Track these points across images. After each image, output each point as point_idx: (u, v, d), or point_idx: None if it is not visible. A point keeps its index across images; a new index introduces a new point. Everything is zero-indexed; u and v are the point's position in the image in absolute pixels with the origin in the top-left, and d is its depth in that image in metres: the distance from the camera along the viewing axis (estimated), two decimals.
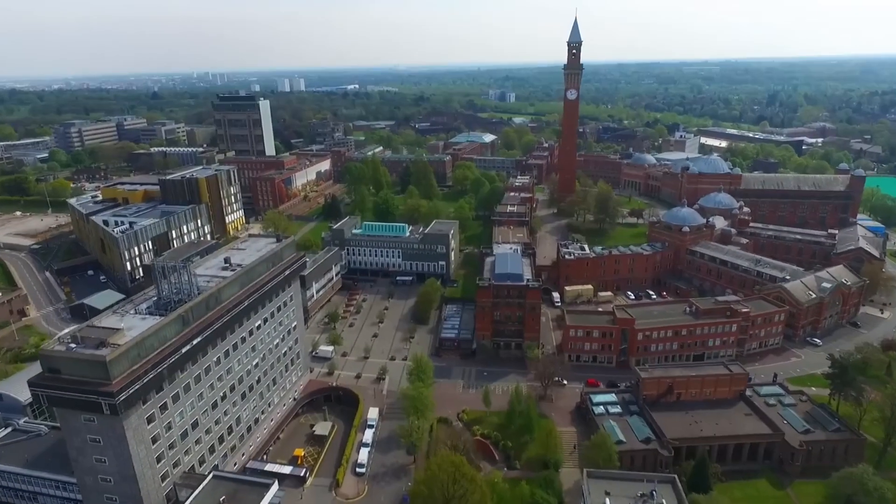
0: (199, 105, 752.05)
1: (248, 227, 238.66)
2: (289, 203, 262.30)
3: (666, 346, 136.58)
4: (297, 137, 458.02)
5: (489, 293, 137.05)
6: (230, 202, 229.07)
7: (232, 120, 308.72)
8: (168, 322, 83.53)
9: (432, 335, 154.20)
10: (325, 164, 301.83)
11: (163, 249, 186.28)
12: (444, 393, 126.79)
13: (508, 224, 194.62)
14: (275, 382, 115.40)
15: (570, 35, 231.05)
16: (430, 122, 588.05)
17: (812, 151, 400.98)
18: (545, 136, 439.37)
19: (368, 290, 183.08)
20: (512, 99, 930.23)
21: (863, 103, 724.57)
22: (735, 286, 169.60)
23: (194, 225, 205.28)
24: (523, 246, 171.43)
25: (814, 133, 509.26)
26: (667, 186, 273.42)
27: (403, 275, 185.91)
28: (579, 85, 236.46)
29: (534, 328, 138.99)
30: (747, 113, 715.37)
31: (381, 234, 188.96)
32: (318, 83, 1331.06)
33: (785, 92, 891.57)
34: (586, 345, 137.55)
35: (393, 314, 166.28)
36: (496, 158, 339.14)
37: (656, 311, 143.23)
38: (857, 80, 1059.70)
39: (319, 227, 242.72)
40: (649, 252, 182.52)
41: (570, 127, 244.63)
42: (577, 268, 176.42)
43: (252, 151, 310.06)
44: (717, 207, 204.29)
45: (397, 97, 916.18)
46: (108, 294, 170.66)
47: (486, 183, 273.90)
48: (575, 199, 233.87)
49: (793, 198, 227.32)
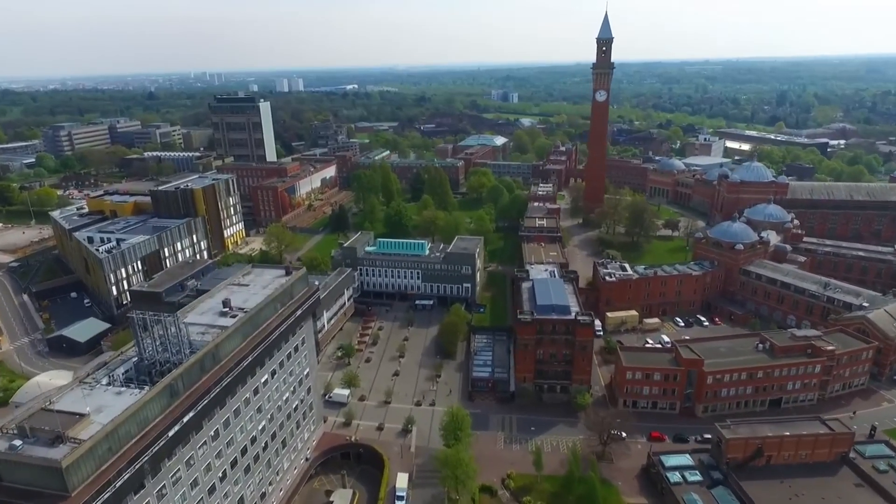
0: (196, 106, 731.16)
1: (248, 242, 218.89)
2: (292, 213, 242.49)
3: (739, 391, 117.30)
4: (297, 140, 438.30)
5: (532, 329, 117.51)
6: (229, 214, 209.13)
7: (230, 123, 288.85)
8: (151, 397, 63.79)
9: (461, 373, 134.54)
10: (329, 171, 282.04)
11: (154, 270, 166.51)
12: (483, 449, 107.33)
13: (538, 240, 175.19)
14: (284, 445, 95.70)
15: (600, 31, 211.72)
16: (435, 124, 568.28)
17: (840, 154, 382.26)
18: (558, 139, 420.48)
19: (384, 316, 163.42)
20: (515, 99, 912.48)
21: (877, 103, 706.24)
22: (800, 313, 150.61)
23: (189, 241, 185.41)
24: (560, 267, 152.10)
25: (834, 134, 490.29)
26: (699, 195, 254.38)
27: (423, 298, 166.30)
28: (609, 85, 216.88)
29: (584, 370, 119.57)
30: (759, 113, 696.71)
31: (398, 253, 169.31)
32: (317, 83, 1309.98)
33: (793, 92, 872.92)
34: (645, 389, 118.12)
35: (414, 346, 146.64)
36: (511, 163, 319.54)
37: (723, 348, 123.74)
38: (862, 79, 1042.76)
39: (326, 240, 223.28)
40: (698, 272, 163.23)
41: (599, 131, 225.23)
42: (620, 291, 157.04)
43: (252, 156, 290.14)
44: (767, 221, 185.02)
45: (398, 97, 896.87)
46: (91, 323, 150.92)
47: (505, 191, 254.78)
48: (605, 211, 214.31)
49: (845, 208, 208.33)
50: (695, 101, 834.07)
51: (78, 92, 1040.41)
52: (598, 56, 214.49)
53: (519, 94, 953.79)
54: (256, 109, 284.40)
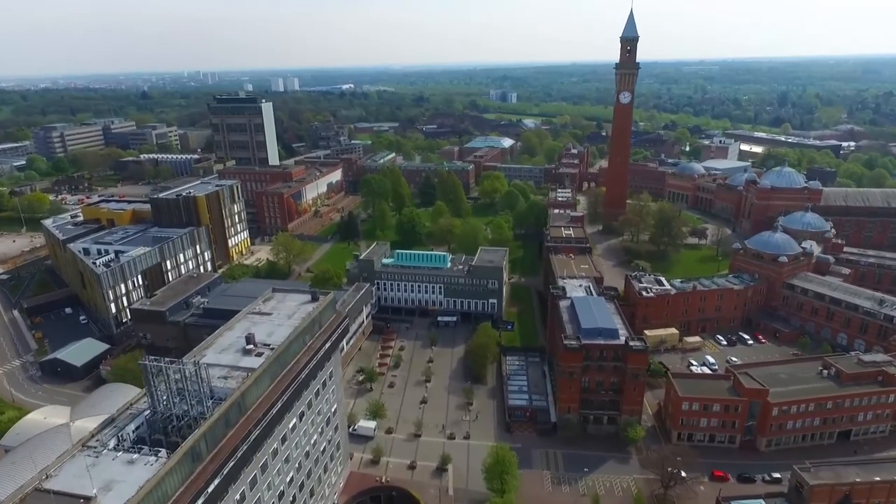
0: (192, 106, 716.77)
1: (254, 251, 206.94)
2: (298, 220, 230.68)
3: (805, 423, 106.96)
4: (297, 141, 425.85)
5: (578, 357, 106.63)
6: (234, 222, 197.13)
7: (231, 124, 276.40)
8: (171, 468, 52.40)
9: (495, 400, 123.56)
10: (335, 174, 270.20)
11: (156, 285, 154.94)
12: (529, 491, 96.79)
13: (566, 252, 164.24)
14: (312, 494, 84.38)
15: (625, 30, 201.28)
16: (437, 125, 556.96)
17: (854, 157, 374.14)
18: (566, 141, 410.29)
19: (404, 334, 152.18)
20: (514, 99, 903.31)
21: (881, 104, 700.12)
22: (853, 332, 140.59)
23: (192, 252, 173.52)
24: (595, 282, 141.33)
25: (842, 136, 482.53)
26: (722, 200, 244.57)
27: (445, 314, 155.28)
28: (634, 86, 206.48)
29: (635, 400, 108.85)
30: (762, 114, 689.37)
31: (418, 266, 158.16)
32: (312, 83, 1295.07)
33: (794, 92, 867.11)
34: (702, 421, 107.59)
35: (440, 368, 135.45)
36: (522, 167, 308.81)
37: (783, 374, 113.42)
38: (860, 79, 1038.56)
39: (336, 249, 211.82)
40: (740, 287, 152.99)
41: (623, 134, 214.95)
42: (658, 307, 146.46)
43: (253, 159, 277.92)
44: (806, 230, 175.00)
45: (396, 97, 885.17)
46: (89, 345, 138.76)
47: (520, 196, 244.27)
48: (630, 218, 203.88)
49: (883, 216, 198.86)
50: (695, 101, 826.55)
51: (70, 91, 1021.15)
52: (622, 56, 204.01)
53: (518, 95, 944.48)
54: (258, 110, 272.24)
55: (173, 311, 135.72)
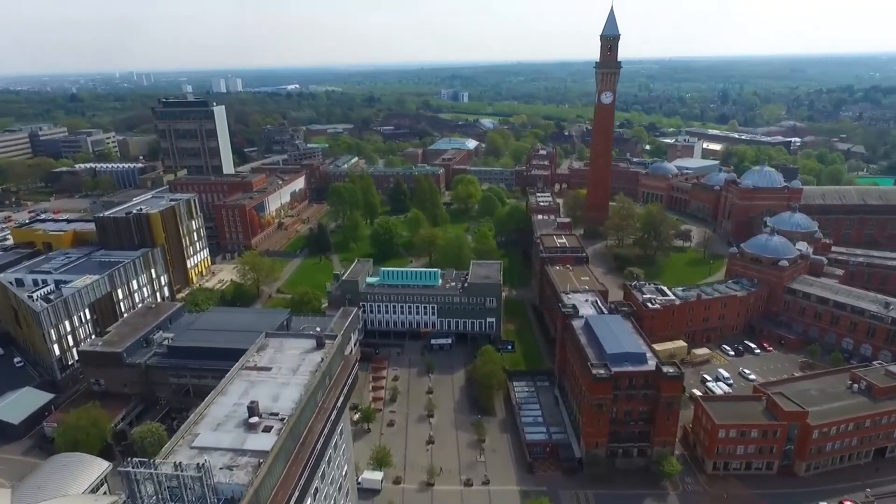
0: (128, 109, 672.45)
1: (215, 271, 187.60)
2: (262, 234, 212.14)
3: (844, 443, 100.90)
4: (249, 146, 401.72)
5: (608, 387, 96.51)
6: (192, 241, 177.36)
7: (180, 130, 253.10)
8: None
9: (508, 434, 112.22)
10: (298, 182, 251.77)
11: (107, 319, 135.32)
12: None
13: (563, 262, 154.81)
14: None
15: (605, 28, 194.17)
16: (393, 126, 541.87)
17: (805, 153, 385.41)
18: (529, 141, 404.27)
19: (396, 360, 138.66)
20: (465, 99, 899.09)
21: (814, 101, 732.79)
22: (860, 336, 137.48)
23: (147, 277, 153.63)
24: (601, 297, 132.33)
25: (787, 132, 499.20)
26: (698, 200, 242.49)
27: (439, 336, 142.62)
28: (615, 86, 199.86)
29: (668, 430, 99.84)
30: (707, 112, 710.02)
31: (408, 284, 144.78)
32: (256, 83, 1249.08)
33: (733, 90, 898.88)
34: (739, 448, 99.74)
35: (442, 399, 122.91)
36: (493, 169, 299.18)
37: (814, 392, 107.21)
38: (789, 78, 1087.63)
39: (307, 265, 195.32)
40: (742, 293, 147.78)
41: (604, 137, 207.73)
42: (664, 318, 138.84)
43: (206, 167, 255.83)
44: (796, 231, 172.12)
45: (346, 98, 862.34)
46: (27, 395, 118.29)
47: (497, 201, 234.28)
48: (617, 222, 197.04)
49: (860, 213, 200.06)
50: (642, 99, 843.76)
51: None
52: (602, 54, 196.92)
53: (469, 94, 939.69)
54: (210, 114, 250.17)
55: (131, 352, 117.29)
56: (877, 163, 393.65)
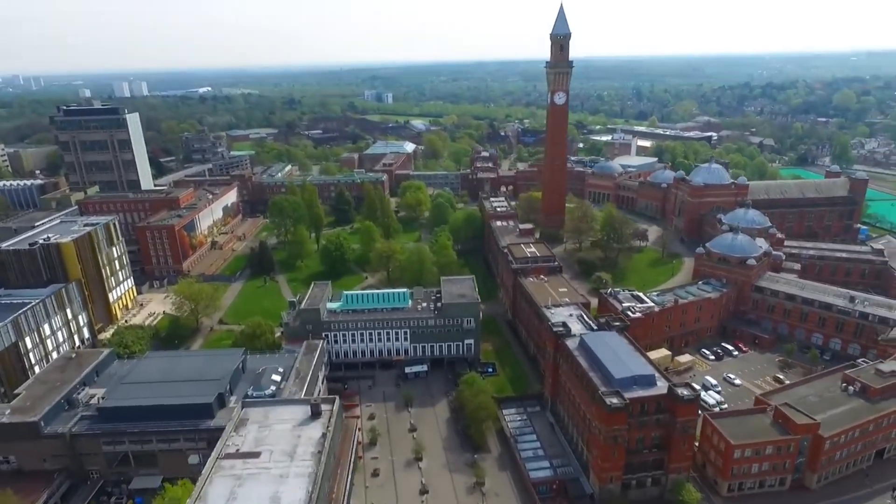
0: (15, 116, 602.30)
1: (143, 303, 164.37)
2: (194, 256, 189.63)
3: (850, 450, 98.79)
4: (165, 155, 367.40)
5: (623, 417, 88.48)
6: (114, 270, 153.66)
7: (86, 141, 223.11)
8: None
9: (508, 472, 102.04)
10: (230, 196, 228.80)
11: (15, 378, 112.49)
12: None
13: (536, 273, 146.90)
14: None
15: (555, 27, 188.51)
16: (321, 129, 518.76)
17: (726, 147, 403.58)
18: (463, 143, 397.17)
19: (369, 395, 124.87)
20: (389, 100, 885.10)
21: (720, 97, 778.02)
22: (829, 331, 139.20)
23: (62, 318, 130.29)
24: (585, 309, 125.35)
25: (703, 127, 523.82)
26: (646, 198, 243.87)
27: (414, 363, 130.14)
28: (568, 86, 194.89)
29: (684, 456, 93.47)
30: (626, 109, 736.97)
31: (375, 308, 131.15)
32: (163, 86, 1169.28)
33: (645, 88, 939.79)
34: (754, 467, 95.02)
35: (428, 438, 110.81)
36: (437, 174, 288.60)
37: (813, 398, 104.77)
38: (691, 76, 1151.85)
39: (250, 289, 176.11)
40: (716, 295, 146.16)
41: (559, 138, 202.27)
42: (645, 327, 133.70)
43: (121, 183, 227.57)
44: (752, 227, 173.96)
45: (265, 100, 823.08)
46: None
47: (449, 207, 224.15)
48: (577, 225, 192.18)
49: (802, 206, 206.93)
50: None
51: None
52: (553, 54, 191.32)
53: (392, 95, 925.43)
54: (122, 123, 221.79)
55: (51, 418, 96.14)
56: (786, 154, 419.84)
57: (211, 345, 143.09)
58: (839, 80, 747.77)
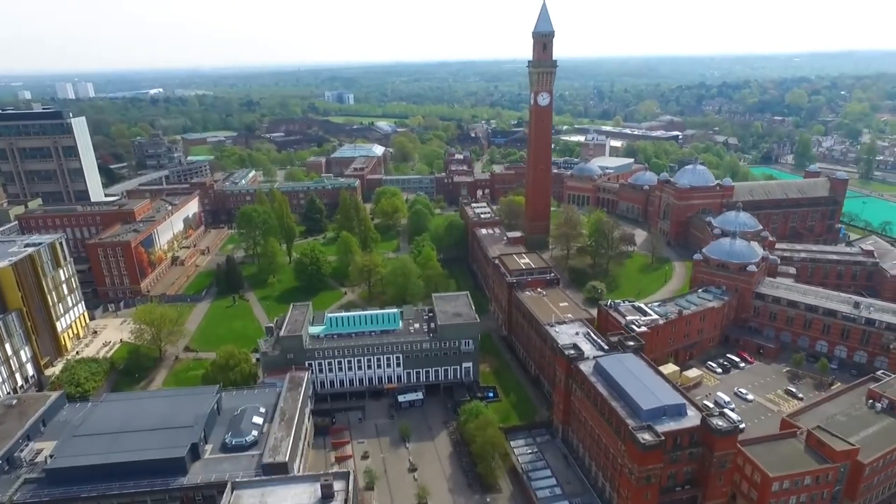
0: None
1: (97, 330, 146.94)
2: (153, 274, 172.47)
3: (888, 474, 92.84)
4: (116, 162, 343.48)
5: (658, 455, 79.58)
6: (61, 296, 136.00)
7: (26, 149, 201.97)
8: None
9: None
10: (192, 206, 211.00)
11: None
12: None
13: (533, 286, 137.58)
14: None
15: (537, 25, 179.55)
16: (283, 132, 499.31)
17: (693, 146, 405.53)
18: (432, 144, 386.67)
19: (360, 429, 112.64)
20: (351, 101, 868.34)
21: (679, 96, 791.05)
22: (834, 338, 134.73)
23: (1, 355, 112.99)
24: (592, 328, 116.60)
25: (667, 126, 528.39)
26: (627, 200, 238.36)
27: (408, 392, 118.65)
28: (552, 86, 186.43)
29: (721, 492, 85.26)
30: (590, 108, 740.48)
31: (363, 332, 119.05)
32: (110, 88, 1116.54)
33: (605, 87, 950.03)
34: (792, 499, 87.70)
35: (430, 478, 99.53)
36: (412, 178, 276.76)
37: (841, 417, 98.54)
38: (646, 76, 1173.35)
39: (217, 309, 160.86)
40: (718, 304, 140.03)
41: (543, 141, 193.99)
42: (650, 341, 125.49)
43: (67, 194, 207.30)
44: (744, 231, 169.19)
45: (221, 102, 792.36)
46: None
47: (428, 214, 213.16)
48: (565, 231, 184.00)
49: (786, 207, 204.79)
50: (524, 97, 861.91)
51: None
52: (536, 53, 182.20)
53: (354, 96, 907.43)
54: (67, 128, 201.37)
55: None
56: (749, 153, 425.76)
57: (177, 376, 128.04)
58: (788, 81, 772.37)
